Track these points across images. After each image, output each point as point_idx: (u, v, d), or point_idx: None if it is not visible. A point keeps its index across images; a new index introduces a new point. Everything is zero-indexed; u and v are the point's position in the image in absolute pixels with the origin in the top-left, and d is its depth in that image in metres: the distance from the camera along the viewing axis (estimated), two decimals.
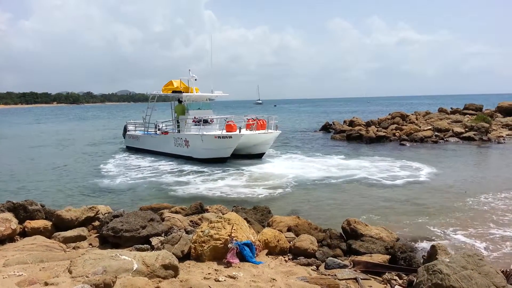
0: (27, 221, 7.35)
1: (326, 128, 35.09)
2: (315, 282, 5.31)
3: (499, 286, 4.48)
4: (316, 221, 8.86)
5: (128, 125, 26.05)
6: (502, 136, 26.19)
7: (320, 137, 31.52)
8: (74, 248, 6.76)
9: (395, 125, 29.27)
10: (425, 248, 7.31)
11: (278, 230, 7.35)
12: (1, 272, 5.03)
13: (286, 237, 7.16)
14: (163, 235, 6.90)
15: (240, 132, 18.21)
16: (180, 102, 21.39)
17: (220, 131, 18.73)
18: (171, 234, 6.56)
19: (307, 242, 6.82)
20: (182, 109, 21.16)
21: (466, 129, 27.01)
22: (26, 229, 7.18)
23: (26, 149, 27.03)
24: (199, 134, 18.71)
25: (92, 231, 7.63)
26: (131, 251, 5.89)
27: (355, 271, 6.03)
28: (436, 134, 26.54)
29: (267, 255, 6.55)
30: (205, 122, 20.16)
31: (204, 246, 6.04)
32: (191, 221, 8.21)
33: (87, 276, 4.57)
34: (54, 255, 5.96)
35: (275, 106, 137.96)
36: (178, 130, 20.74)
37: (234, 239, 6.04)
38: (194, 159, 19.16)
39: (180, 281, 4.93)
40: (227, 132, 18.35)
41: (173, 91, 21.70)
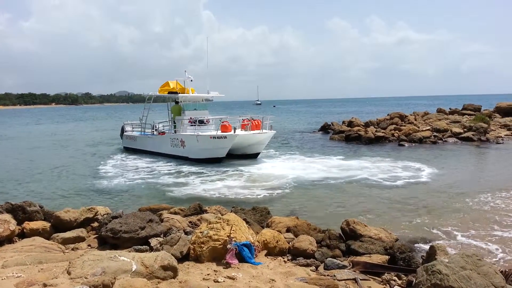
0: (26, 222, 7.34)
1: (325, 128, 35.13)
2: (314, 282, 5.30)
3: (498, 286, 4.48)
4: (315, 221, 8.87)
5: (126, 126, 26.17)
6: (501, 136, 26.26)
7: (319, 137, 31.55)
8: (73, 249, 6.74)
9: (394, 125, 29.31)
10: (424, 248, 7.32)
11: (277, 231, 7.35)
12: (0, 273, 5.03)
13: (285, 237, 7.16)
14: (162, 236, 6.89)
15: (235, 132, 18.34)
16: (177, 103, 21.50)
17: (215, 132, 18.85)
18: (170, 235, 6.55)
19: (306, 242, 6.82)
20: (179, 109, 21.29)
21: (465, 129, 27.06)
22: (24, 230, 7.17)
23: (25, 150, 27.00)
24: (194, 134, 18.84)
25: (91, 232, 7.62)
26: (130, 252, 5.89)
27: (354, 271, 6.03)
28: (435, 134, 26.57)
29: (266, 255, 6.54)
30: (201, 122, 20.27)
31: (203, 247, 6.04)
32: (190, 222, 8.20)
33: (86, 277, 4.57)
34: (53, 256, 5.95)
35: (274, 106, 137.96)
36: (175, 131, 20.86)
37: (233, 240, 6.03)
38: (190, 159, 19.28)
39: (179, 282, 4.93)
40: (222, 132, 18.46)
41: (169, 92, 21.82)
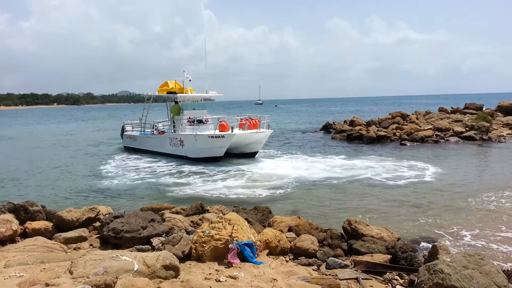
0: (28, 222, 7.36)
1: (326, 128, 35.08)
2: (316, 282, 5.30)
3: (500, 285, 4.47)
4: (317, 221, 8.86)
5: (126, 125, 26.45)
6: (503, 135, 26.18)
7: (320, 137, 31.52)
8: (75, 249, 6.76)
9: (396, 124, 29.24)
10: (426, 247, 7.31)
11: (279, 230, 7.35)
12: (2, 273, 5.04)
13: (287, 237, 7.15)
14: (163, 235, 6.90)
15: (232, 132, 18.56)
16: (177, 103, 21.71)
17: (213, 131, 19.05)
18: (172, 234, 6.56)
19: (308, 242, 6.81)
20: (178, 109, 21.50)
21: (467, 128, 26.98)
22: (27, 230, 7.19)
23: (27, 150, 27.06)
24: (193, 134, 19.03)
25: (93, 232, 7.63)
26: (132, 251, 5.89)
27: (356, 271, 6.02)
28: (437, 133, 26.51)
29: (268, 255, 6.54)
30: (199, 122, 20.45)
31: (205, 247, 6.04)
32: (191, 221, 8.21)
33: (88, 277, 4.57)
34: (55, 256, 5.96)
35: (276, 106, 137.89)
36: (174, 130, 21.08)
37: (235, 239, 6.04)
38: (189, 159, 19.48)
39: (181, 281, 4.93)
40: (220, 132, 18.67)
41: (168, 92, 22.05)
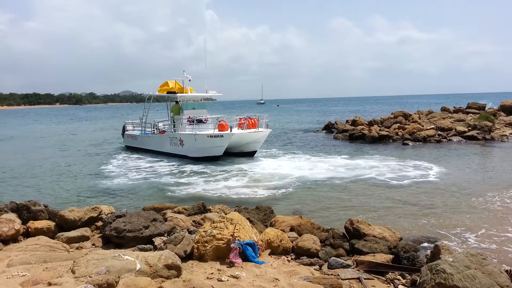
0: (31, 221, 7.38)
1: (328, 127, 35.04)
2: (318, 282, 5.30)
3: (503, 285, 4.46)
4: (319, 220, 8.85)
5: (127, 125, 26.66)
6: (506, 135, 26.08)
7: (322, 136, 31.50)
8: (77, 248, 6.77)
9: (398, 124, 29.17)
10: (428, 247, 7.29)
11: (281, 230, 7.35)
12: (5, 272, 5.05)
13: (288, 237, 7.15)
14: (166, 235, 6.91)
15: (231, 131, 18.74)
16: (177, 102, 21.89)
17: (212, 131, 19.20)
18: (174, 234, 6.57)
19: (310, 241, 6.81)
20: (178, 109, 21.70)
21: (469, 128, 26.89)
22: (29, 229, 7.21)
23: (29, 150, 27.14)
24: (192, 133, 19.20)
25: (95, 231, 7.65)
26: (134, 251, 5.90)
27: (358, 270, 6.01)
28: (439, 133, 26.43)
29: (269, 255, 6.54)
30: (199, 121, 20.60)
31: (207, 246, 6.04)
32: (193, 221, 8.22)
33: (90, 276, 4.58)
34: (57, 256, 5.98)
35: (278, 105, 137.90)
36: (174, 130, 21.28)
37: (237, 239, 6.03)
38: (189, 158, 19.65)
39: (183, 281, 4.93)
40: (219, 131, 18.85)
41: (168, 92, 22.26)
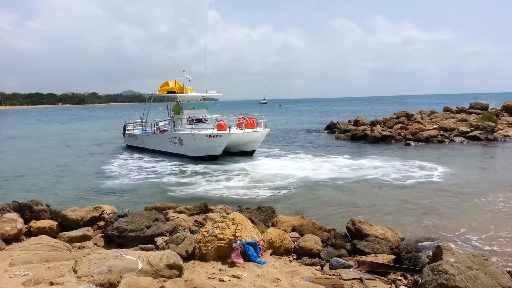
0: (33, 221, 7.40)
1: (330, 127, 35.01)
2: (320, 282, 5.29)
3: (505, 286, 4.44)
4: (321, 221, 8.84)
5: (128, 124, 26.84)
6: (508, 135, 25.99)
7: (324, 137, 31.48)
8: (79, 248, 6.78)
9: (400, 124, 29.11)
10: (430, 248, 7.27)
11: (283, 230, 7.34)
12: (7, 271, 5.07)
13: (290, 237, 7.15)
14: (167, 235, 6.92)
15: (229, 131, 18.90)
16: (178, 102, 22.01)
17: (211, 130, 19.34)
18: (176, 234, 6.57)
19: (311, 242, 6.80)
20: (178, 109, 21.88)
21: (472, 128, 26.81)
22: (31, 229, 7.22)
23: (32, 149, 27.23)
24: (191, 133, 19.37)
25: (97, 231, 7.66)
26: (136, 251, 5.91)
27: (360, 271, 6.00)
28: (442, 133, 26.36)
29: (271, 255, 6.54)
30: (199, 121, 20.75)
31: (209, 246, 6.04)
32: (195, 221, 8.22)
33: (92, 276, 4.60)
34: (60, 255, 5.99)
35: (280, 106, 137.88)
36: (174, 129, 21.49)
37: (239, 239, 6.04)
38: (188, 157, 19.81)
39: (185, 280, 4.94)
40: (217, 131, 19.02)
41: (168, 92, 22.46)
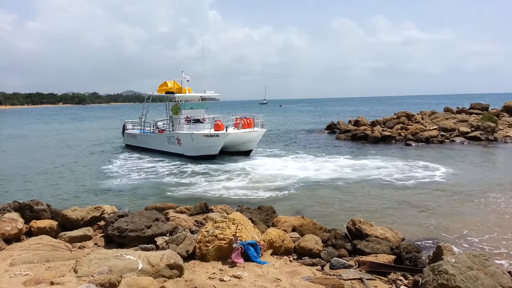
0: (33, 221, 7.41)
1: (331, 127, 35.00)
2: (320, 282, 5.29)
3: (505, 286, 4.44)
4: (321, 221, 8.83)
5: (127, 124, 27.00)
6: (509, 136, 25.97)
7: (325, 137, 31.47)
8: (79, 247, 6.79)
9: (401, 124, 29.10)
10: (431, 248, 7.26)
11: (283, 230, 7.35)
12: (7, 271, 5.08)
13: (290, 237, 7.15)
14: (168, 234, 6.92)
15: (226, 131, 19.10)
16: (177, 102, 22.21)
17: (208, 130, 19.47)
18: (176, 233, 6.57)
19: (312, 242, 6.80)
20: (177, 108, 22.03)
21: (472, 128, 26.79)
22: (32, 229, 7.23)
23: (32, 149, 27.23)
24: (189, 133, 19.50)
25: (98, 230, 7.67)
26: (136, 250, 5.91)
27: (360, 271, 6.00)
28: (442, 133, 26.35)
29: (271, 255, 6.54)
30: (197, 121, 20.88)
31: (209, 246, 6.05)
32: (196, 221, 8.22)
33: (92, 276, 4.60)
34: (60, 255, 5.99)
35: (280, 106, 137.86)
36: (173, 129, 21.61)
37: (239, 239, 6.04)
38: (186, 156, 19.93)
39: (185, 280, 4.94)
40: (215, 131, 19.19)
41: (166, 92, 22.62)
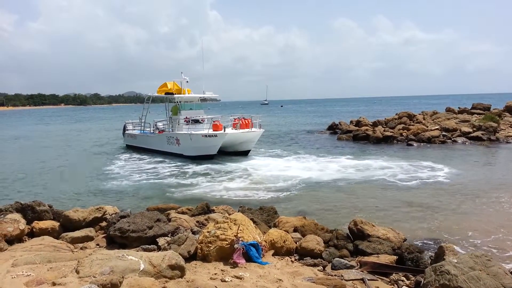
0: (35, 221, 7.41)
1: (332, 128, 34.99)
2: (322, 282, 5.29)
3: (508, 287, 4.43)
4: (323, 221, 8.83)
5: (127, 124, 27.21)
6: (511, 136, 25.92)
7: (326, 137, 31.46)
8: (81, 248, 6.80)
9: (402, 125, 29.06)
10: (433, 248, 7.25)
11: (285, 231, 7.33)
12: (9, 272, 5.08)
13: (292, 237, 7.14)
14: (169, 235, 6.92)
15: (225, 131, 19.31)
16: (176, 103, 22.40)
17: (207, 130, 19.65)
18: (178, 234, 6.58)
19: (313, 242, 6.80)
20: (177, 109, 22.22)
21: (474, 129, 26.73)
22: (34, 229, 7.24)
23: (34, 150, 27.30)
24: (188, 133, 19.70)
25: (100, 231, 7.67)
26: (138, 251, 5.92)
27: (362, 271, 6.00)
28: (444, 134, 26.31)
29: (273, 255, 6.53)
30: (196, 121, 21.10)
31: (211, 247, 6.05)
32: (197, 221, 8.22)
33: (94, 276, 4.60)
34: (62, 256, 6.00)
35: (281, 106, 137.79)
36: (172, 130, 21.81)
37: (240, 239, 6.04)
38: (185, 157, 20.12)
39: (187, 281, 4.94)
40: (213, 131, 19.39)
41: (165, 93, 22.85)
